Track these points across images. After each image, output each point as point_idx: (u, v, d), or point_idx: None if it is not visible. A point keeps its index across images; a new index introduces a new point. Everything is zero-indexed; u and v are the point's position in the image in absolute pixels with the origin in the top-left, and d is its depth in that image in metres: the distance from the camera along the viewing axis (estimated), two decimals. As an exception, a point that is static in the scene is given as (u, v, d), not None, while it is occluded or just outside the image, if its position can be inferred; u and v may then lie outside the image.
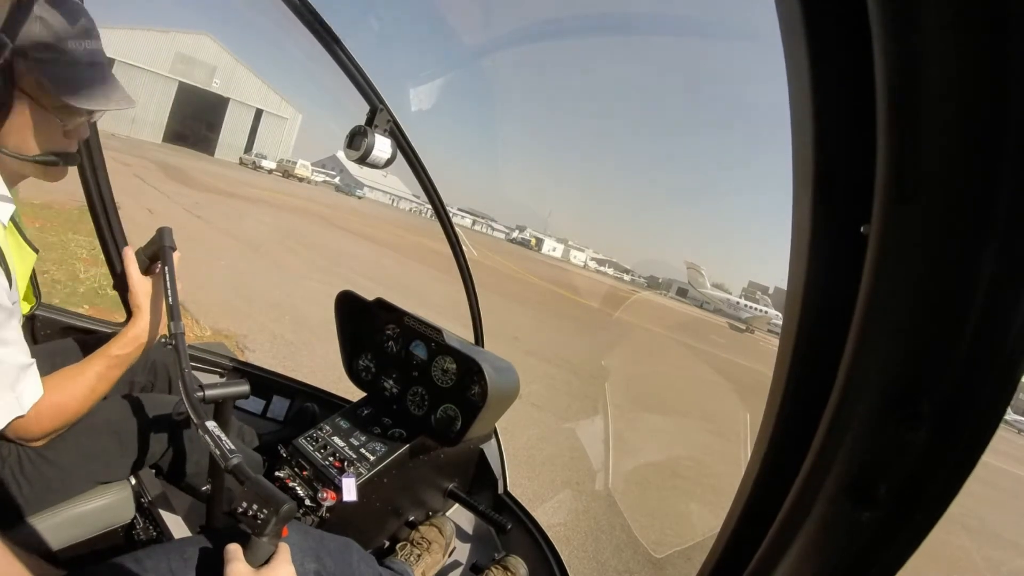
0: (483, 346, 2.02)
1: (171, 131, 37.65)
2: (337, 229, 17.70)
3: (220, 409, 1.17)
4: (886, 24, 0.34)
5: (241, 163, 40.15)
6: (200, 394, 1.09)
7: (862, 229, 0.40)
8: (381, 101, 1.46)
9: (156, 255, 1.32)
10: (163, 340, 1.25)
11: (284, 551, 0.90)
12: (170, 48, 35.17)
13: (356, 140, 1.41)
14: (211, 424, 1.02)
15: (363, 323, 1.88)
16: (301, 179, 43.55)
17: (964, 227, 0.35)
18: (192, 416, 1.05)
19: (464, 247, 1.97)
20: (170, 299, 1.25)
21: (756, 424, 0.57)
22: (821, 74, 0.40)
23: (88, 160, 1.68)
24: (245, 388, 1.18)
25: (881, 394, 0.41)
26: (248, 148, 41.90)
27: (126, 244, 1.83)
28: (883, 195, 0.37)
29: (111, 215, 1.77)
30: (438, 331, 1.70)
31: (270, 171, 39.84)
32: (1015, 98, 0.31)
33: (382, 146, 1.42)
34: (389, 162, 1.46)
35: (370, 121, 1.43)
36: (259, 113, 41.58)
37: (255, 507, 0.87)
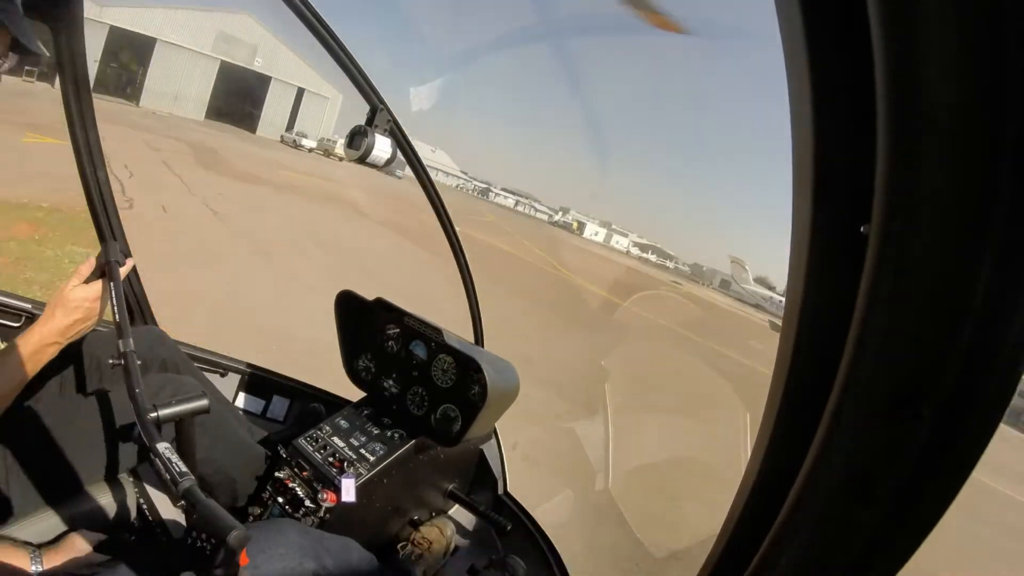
0: (483, 346, 2.02)
1: (214, 109, 37.19)
2: (369, 220, 16.09)
3: (181, 427, 1.09)
4: (886, 24, 0.34)
5: (282, 141, 39.16)
6: (154, 415, 1.00)
7: (862, 229, 0.39)
8: (381, 101, 1.46)
9: (103, 271, 1.25)
10: (111, 361, 1.14)
11: None
12: (211, 27, 34.58)
13: (356, 140, 1.43)
14: (162, 446, 0.92)
15: (363, 323, 1.88)
16: (341, 159, 42.52)
17: (964, 226, 0.35)
18: (144, 438, 0.97)
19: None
20: (117, 316, 1.17)
21: (756, 424, 0.57)
22: (821, 73, 0.40)
23: (88, 160, 1.68)
24: (203, 403, 1.09)
25: (881, 394, 0.41)
26: (290, 126, 41.19)
27: (124, 242, 1.84)
28: (883, 195, 0.37)
29: (111, 214, 1.79)
30: (438, 331, 1.70)
31: (310, 150, 38.48)
32: (1014, 97, 0.31)
33: (382, 145, 1.43)
34: (389, 162, 1.47)
35: (370, 121, 1.44)
36: (301, 92, 40.94)
37: (203, 536, 0.78)
